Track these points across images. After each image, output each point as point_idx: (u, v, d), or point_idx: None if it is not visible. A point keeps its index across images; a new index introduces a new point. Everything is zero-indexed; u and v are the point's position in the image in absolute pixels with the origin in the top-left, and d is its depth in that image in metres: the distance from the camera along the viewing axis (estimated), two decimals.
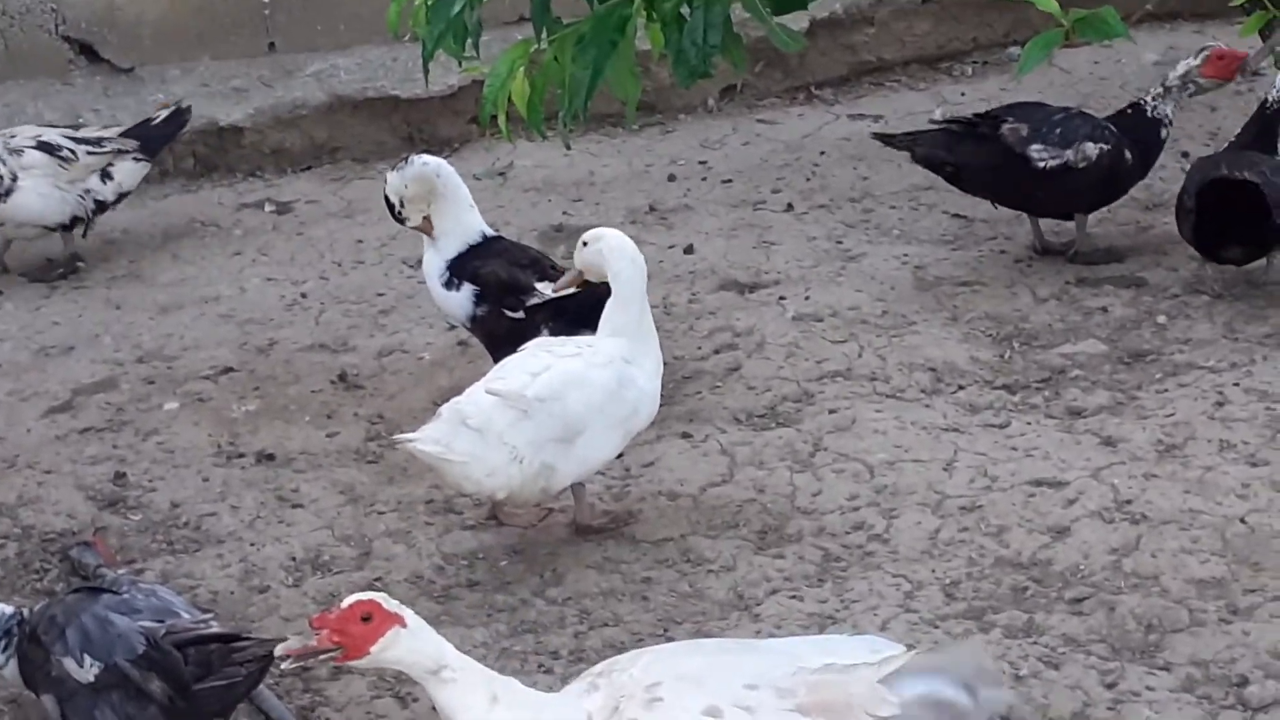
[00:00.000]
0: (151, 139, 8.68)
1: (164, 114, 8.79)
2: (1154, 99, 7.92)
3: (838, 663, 4.43)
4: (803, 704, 4.33)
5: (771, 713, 4.31)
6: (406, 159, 7.20)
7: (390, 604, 4.44)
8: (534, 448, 5.97)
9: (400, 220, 7.16)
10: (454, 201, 7.11)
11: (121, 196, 8.63)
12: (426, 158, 7.20)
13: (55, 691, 5.14)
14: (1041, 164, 7.75)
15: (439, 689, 4.45)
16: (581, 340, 6.26)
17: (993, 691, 4.54)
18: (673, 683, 4.39)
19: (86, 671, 5.06)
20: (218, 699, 5.10)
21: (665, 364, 6.31)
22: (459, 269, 7.03)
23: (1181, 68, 7.89)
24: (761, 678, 4.38)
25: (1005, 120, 7.88)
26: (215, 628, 5.16)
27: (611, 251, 6.18)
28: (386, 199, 7.13)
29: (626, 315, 6.18)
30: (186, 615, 5.19)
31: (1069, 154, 7.73)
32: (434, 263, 7.08)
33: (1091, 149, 7.76)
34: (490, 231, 7.21)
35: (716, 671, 4.42)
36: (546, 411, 5.99)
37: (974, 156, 7.90)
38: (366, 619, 4.38)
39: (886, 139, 8.18)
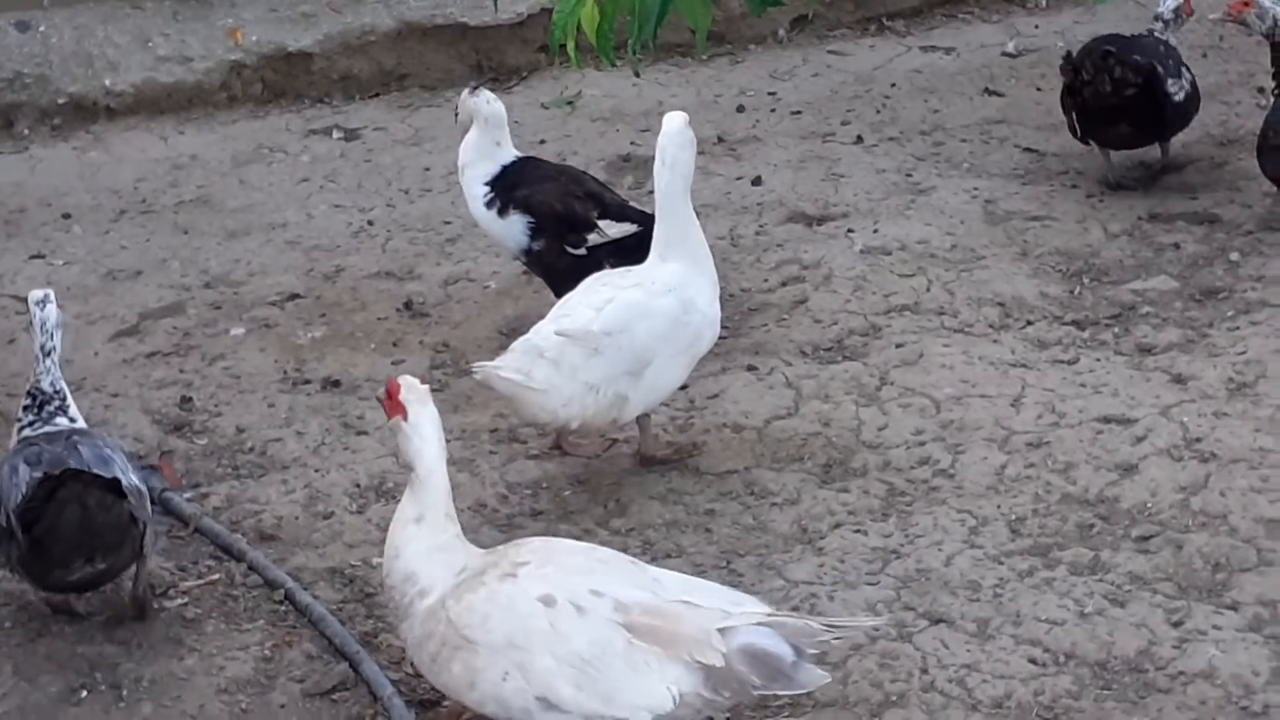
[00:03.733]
0: None
1: None
2: (1159, 31, 8.00)
3: (691, 602, 4.65)
4: (633, 623, 4.61)
5: (598, 618, 4.61)
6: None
7: (407, 393, 4.93)
8: (608, 380, 5.99)
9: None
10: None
11: None
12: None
13: None
14: (1175, 95, 7.77)
15: (408, 485, 4.93)
16: (639, 269, 6.23)
17: (814, 663, 4.70)
18: (535, 568, 4.74)
19: None
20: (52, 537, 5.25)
21: (731, 296, 6.28)
22: (501, 189, 7.00)
23: (1171, 1, 8.02)
24: (610, 589, 4.67)
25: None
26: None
27: (663, 135, 6.12)
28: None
29: (672, 227, 6.12)
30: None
31: (1184, 83, 7.79)
32: (468, 172, 7.08)
33: (1188, 76, 7.83)
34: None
35: (577, 572, 4.73)
36: (615, 345, 5.99)
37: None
38: (391, 395, 4.97)
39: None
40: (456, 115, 7.26)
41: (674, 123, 6.15)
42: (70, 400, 5.72)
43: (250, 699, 5.26)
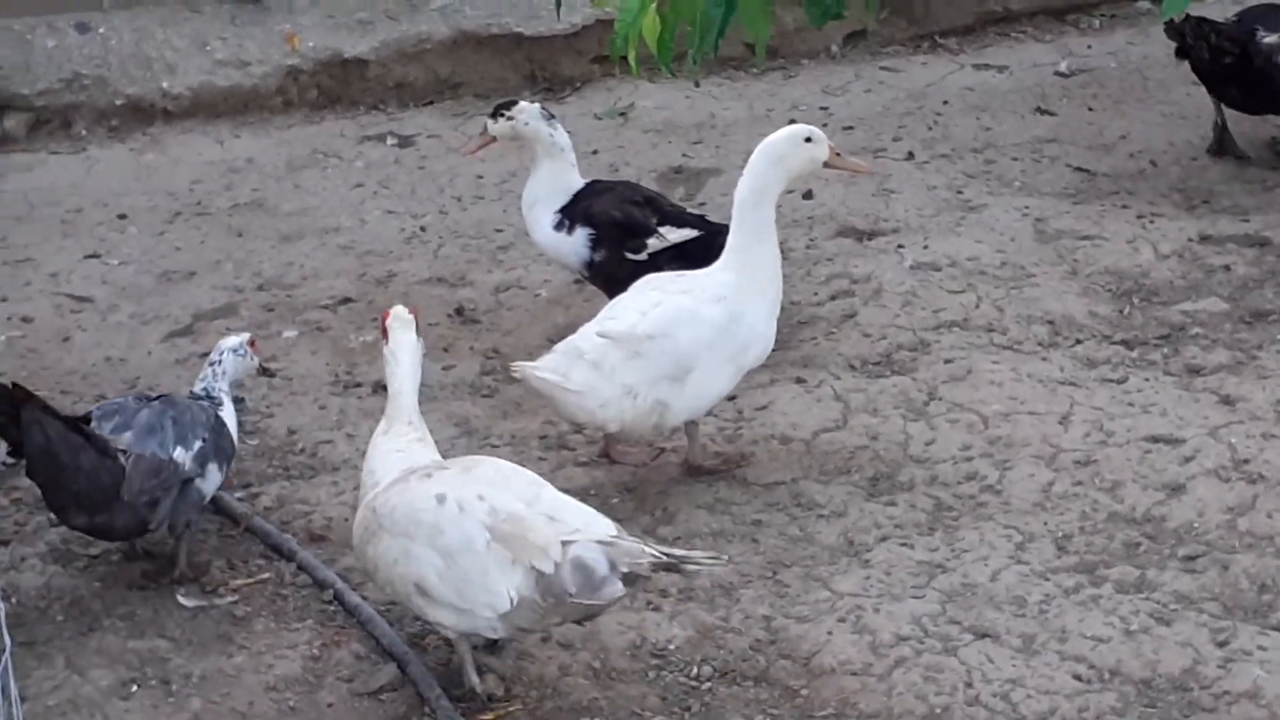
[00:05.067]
0: None
1: None
2: None
3: (554, 517, 5.01)
4: (495, 527, 4.99)
5: (472, 518, 5.01)
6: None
7: (393, 320, 5.59)
8: (648, 384, 6.00)
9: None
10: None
11: None
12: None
13: None
14: None
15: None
16: (693, 274, 6.24)
17: (618, 580, 4.95)
18: (451, 474, 5.19)
19: None
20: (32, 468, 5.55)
21: (781, 309, 6.27)
22: (567, 212, 7.03)
23: None
24: (493, 497, 5.06)
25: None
26: None
27: (763, 143, 6.14)
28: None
29: (742, 236, 6.12)
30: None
31: None
32: (541, 198, 7.08)
33: None
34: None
35: (478, 481, 5.14)
36: (658, 349, 6.00)
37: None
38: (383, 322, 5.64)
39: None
40: (487, 131, 7.18)
41: (780, 132, 6.18)
42: (227, 405, 5.97)
43: (298, 697, 5.30)
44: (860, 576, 5.72)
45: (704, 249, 6.63)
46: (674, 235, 6.92)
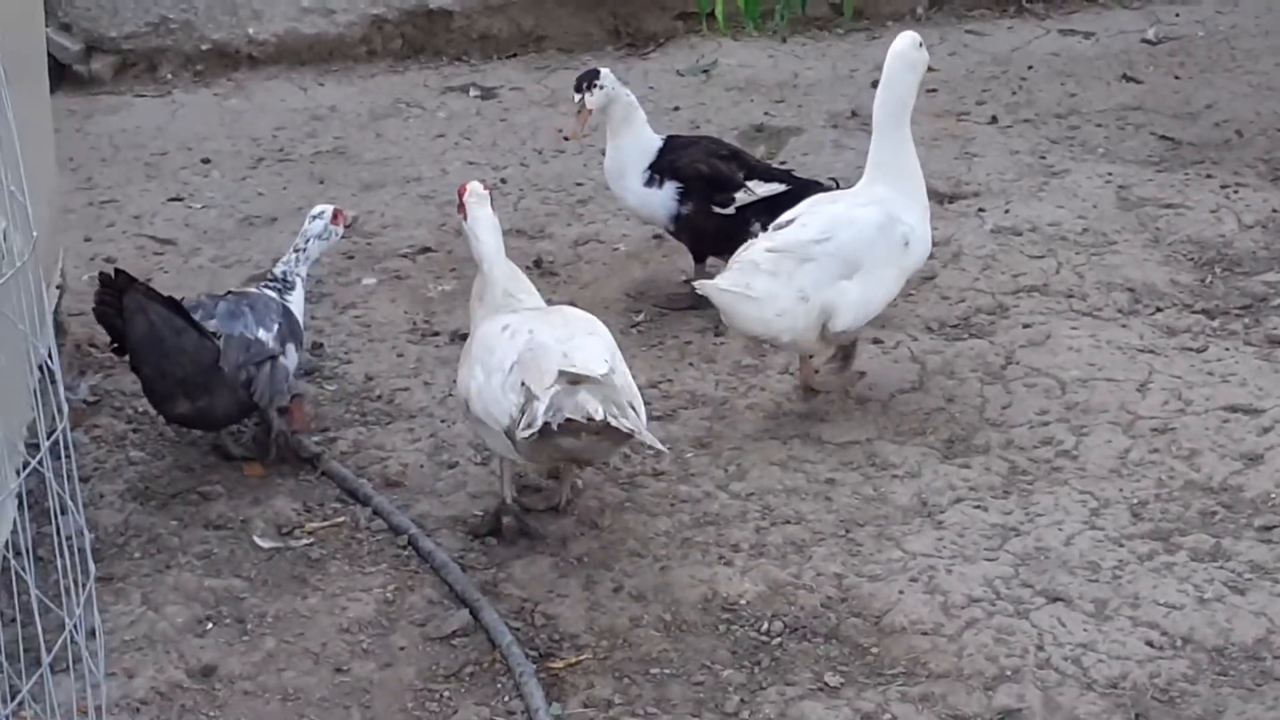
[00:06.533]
0: None
1: None
2: None
3: (569, 355, 5.35)
4: (522, 359, 5.40)
5: (514, 344, 5.46)
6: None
7: (469, 196, 5.81)
8: (818, 287, 6.15)
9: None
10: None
11: None
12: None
13: None
14: None
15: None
16: (847, 192, 6.42)
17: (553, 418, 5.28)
18: (527, 313, 5.67)
19: None
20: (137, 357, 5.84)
21: None
22: (655, 169, 7.03)
23: None
24: (539, 332, 5.49)
25: None
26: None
27: (890, 52, 6.28)
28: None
29: (884, 150, 6.27)
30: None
31: None
32: (628, 164, 7.06)
33: None
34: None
35: (543, 320, 5.61)
36: (823, 251, 6.15)
37: None
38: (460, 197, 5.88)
39: None
40: (585, 106, 7.02)
41: (902, 41, 6.30)
42: (298, 289, 6.31)
43: (371, 639, 5.34)
44: (933, 537, 5.71)
45: (792, 203, 6.62)
46: (761, 189, 6.93)
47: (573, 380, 5.27)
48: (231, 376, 5.82)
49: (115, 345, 5.97)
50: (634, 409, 5.41)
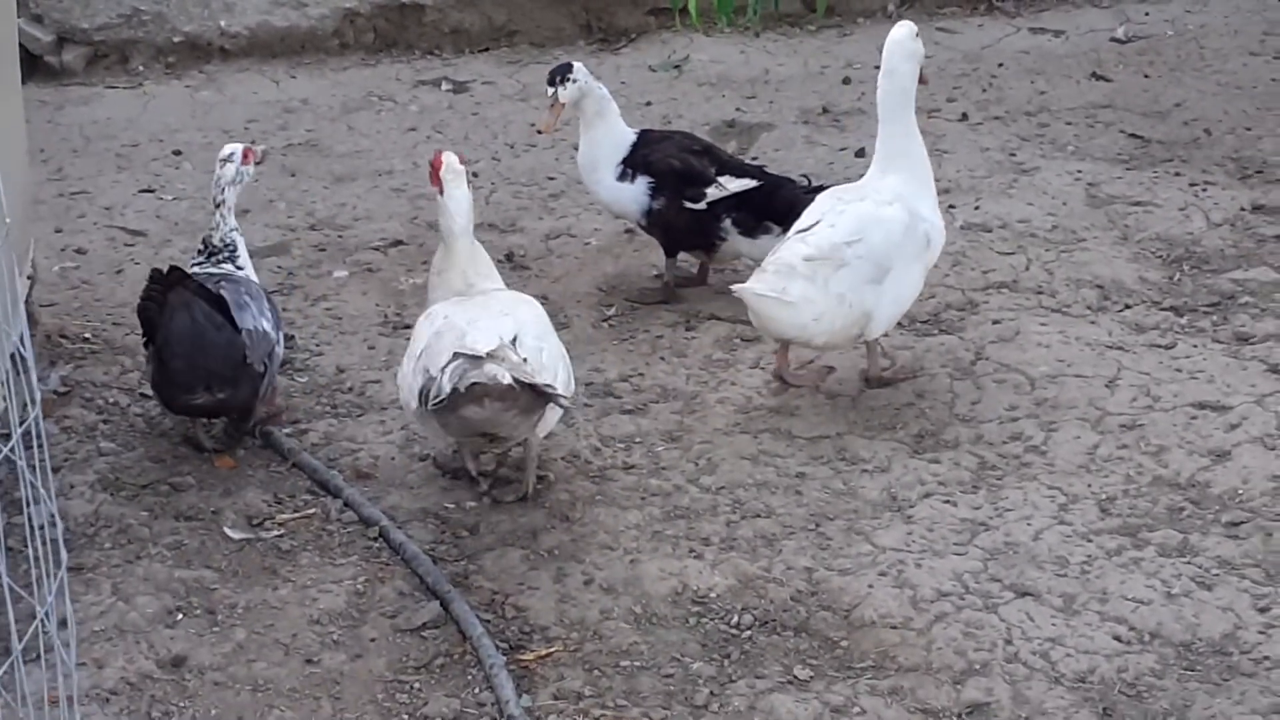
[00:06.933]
0: None
1: None
2: None
3: (466, 336, 5.53)
4: (429, 343, 5.62)
5: (426, 332, 5.69)
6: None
7: (446, 171, 5.85)
8: (854, 290, 6.19)
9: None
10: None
11: None
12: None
13: None
14: None
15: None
16: (860, 184, 6.42)
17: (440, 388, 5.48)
18: (460, 300, 5.83)
19: None
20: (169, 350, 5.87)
21: None
22: (628, 163, 7.04)
23: None
24: (454, 315, 5.68)
25: None
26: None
27: (888, 42, 6.33)
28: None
29: (892, 139, 6.32)
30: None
31: None
32: (601, 158, 7.07)
33: None
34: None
35: (467, 304, 5.79)
36: (856, 255, 6.19)
37: None
38: (434, 169, 5.92)
39: None
40: (558, 100, 7.04)
41: (899, 30, 6.37)
42: (242, 252, 6.39)
43: (341, 631, 5.34)
44: (903, 531, 5.74)
45: (764, 199, 6.65)
46: (733, 185, 6.94)
47: (471, 358, 5.42)
48: (255, 370, 5.96)
49: (146, 333, 5.99)
50: (548, 383, 5.54)
